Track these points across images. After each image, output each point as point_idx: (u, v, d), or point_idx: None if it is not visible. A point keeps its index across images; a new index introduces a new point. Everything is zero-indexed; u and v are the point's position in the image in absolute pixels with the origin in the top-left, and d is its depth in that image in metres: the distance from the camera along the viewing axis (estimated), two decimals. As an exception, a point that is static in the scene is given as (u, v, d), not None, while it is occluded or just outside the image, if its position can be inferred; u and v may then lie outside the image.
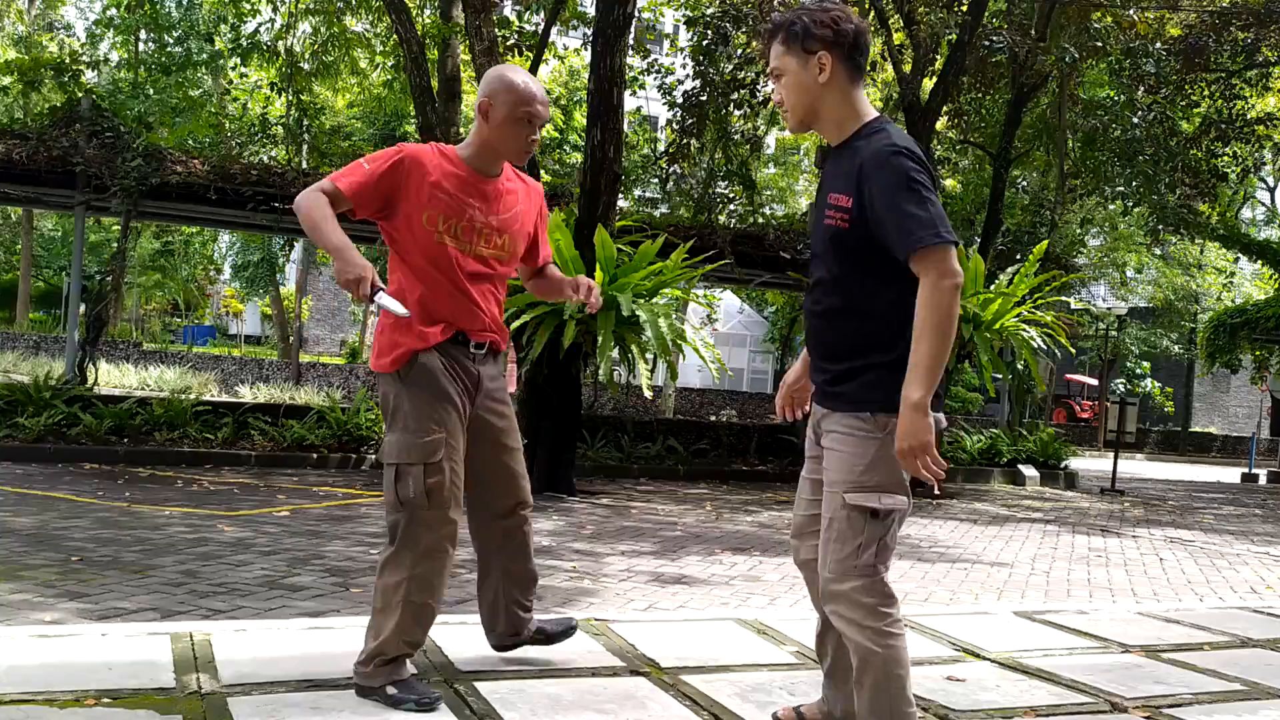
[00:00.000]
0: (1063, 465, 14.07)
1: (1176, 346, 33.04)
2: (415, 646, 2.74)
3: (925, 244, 2.15)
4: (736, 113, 13.84)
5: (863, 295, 2.30)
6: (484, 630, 3.07)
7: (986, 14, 12.16)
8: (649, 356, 9.26)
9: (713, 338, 30.34)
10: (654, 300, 9.34)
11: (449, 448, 2.69)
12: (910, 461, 2.16)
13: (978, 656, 3.58)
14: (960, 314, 2.40)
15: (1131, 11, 12.88)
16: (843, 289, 2.32)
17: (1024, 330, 10.34)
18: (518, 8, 15.14)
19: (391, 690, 2.65)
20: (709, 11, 13.10)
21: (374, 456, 9.81)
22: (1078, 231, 21.53)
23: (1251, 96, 15.49)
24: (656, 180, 16.12)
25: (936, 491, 10.67)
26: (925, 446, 2.13)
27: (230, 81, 20.73)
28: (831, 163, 2.41)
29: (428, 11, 15.17)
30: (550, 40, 12.95)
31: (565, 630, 3.13)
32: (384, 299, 2.55)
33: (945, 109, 13.38)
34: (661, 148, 16.54)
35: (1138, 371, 34.88)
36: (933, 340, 2.13)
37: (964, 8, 11.61)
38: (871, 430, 2.26)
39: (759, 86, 13.27)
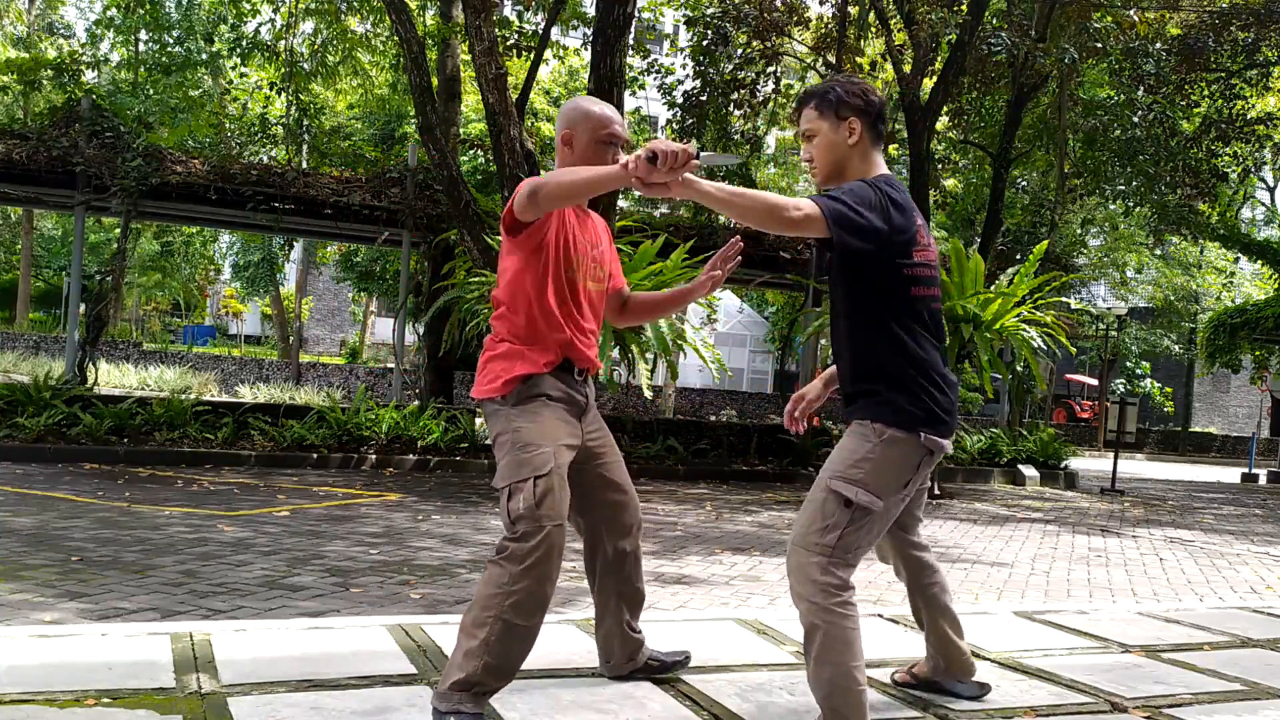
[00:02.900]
0: (1063, 465, 14.07)
1: (1176, 346, 33.04)
2: (495, 679, 2.52)
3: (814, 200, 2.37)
4: (736, 113, 13.85)
5: (863, 321, 2.54)
6: (600, 661, 3.03)
7: (986, 14, 12.17)
8: (649, 356, 9.27)
9: (713, 338, 30.35)
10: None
11: (557, 464, 2.64)
12: (636, 164, 2.25)
13: (978, 656, 3.57)
14: (960, 314, 2.59)
15: (1131, 11, 12.89)
16: (847, 314, 2.58)
17: (1024, 330, 10.34)
18: (518, 8, 15.14)
19: None
20: (709, 11, 13.11)
21: (374, 458, 9.82)
22: (1078, 232, 21.53)
23: (1251, 96, 15.49)
24: (656, 180, 16.11)
25: (936, 491, 10.68)
26: (637, 173, 2.25)
27: (230, 81, 20.74)
28: None
29: (429, 11, 15.17)
30: (551, 40, 12.95)
31: (681, 660, 3.12)
32: (709, 155, 2.42)
33: (945, 109, 13.40)
34: (661, 148, 16.52)
35: (1138, 371, 34.88)
36: (736, 199, 2.30)
37: (964, 8, 11.62)
38: (869, 435, 2.51)
39: (759, 86, 13.27)
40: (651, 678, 3.04)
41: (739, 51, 13.04)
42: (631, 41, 11.33)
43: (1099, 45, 12.63)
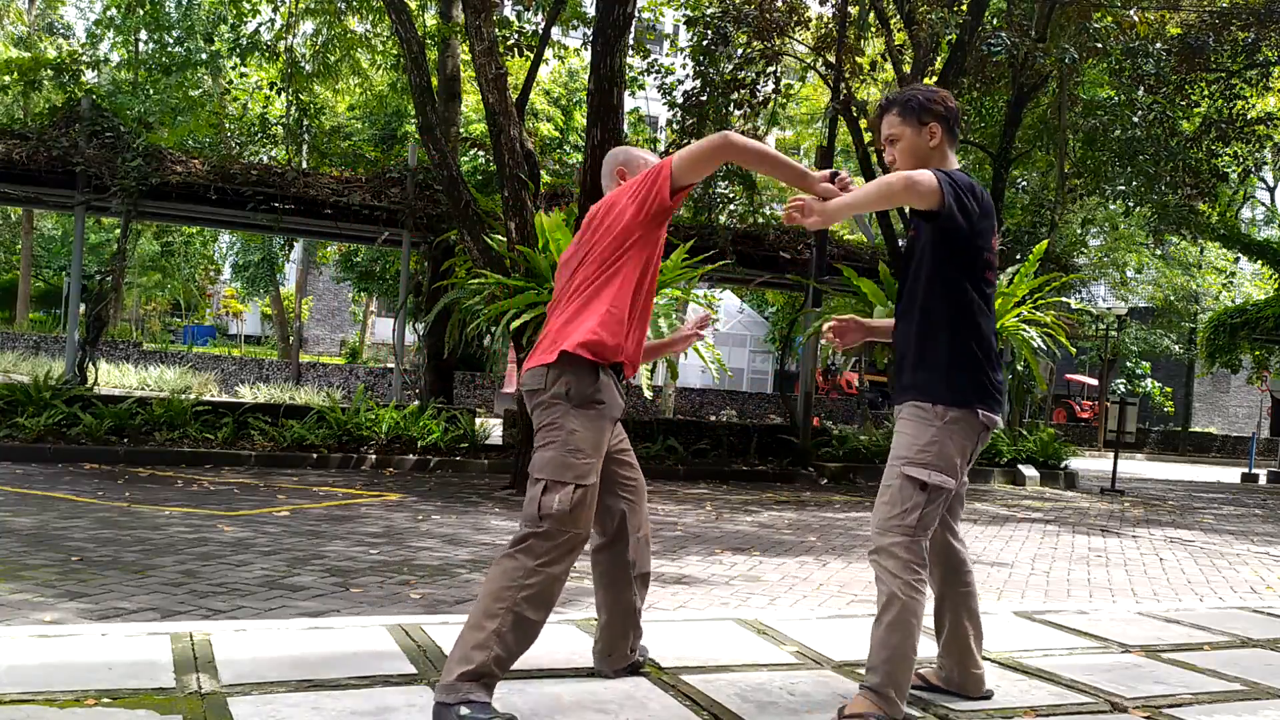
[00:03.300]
0: (1063, 465, 14.07)
1: (1176, 346, 33.03)
2: (501, 664, 2.56)
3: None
4: (736, 113, 13.83)
5: (948, 300, 2.78)
6: (599, 657, 3.04)
7: (986, 14, 12.16)
8: (649, 356, 9.25)
9: (713, 338, 30.34)
10: (654, 300, 9.34)
11: (597, 478, 2.73)
12: (800, 210, 2.64)
13: (978, 656, 3.57)
14: None
15: (1131, 11, 12.88)
16: (930, 293, 2.80)
17: (1024, 330, 10.35)
18: (518, 8, 15.14)
19: (465, 711, 2.45)
20: (709, 11, 13.10)
21: (374, 458, 9.82)
22: (1078, 232, 21.53)
23: (1251, 96, 15.48)
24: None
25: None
26: (814, 218, 2.62)
27: (230, 81, 20.74)
28: None
29: (429, 11, 15.17)
30: (551, 40, 12.95)
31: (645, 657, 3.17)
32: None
33: (945, 109, 13.38)
34: (661, 148, 16.54)
35: (1138, 371, 34.88)
36: (876, 198, 2.64)
37: (964, 8, 11.62)
38: (930, 418, 2.75)
39: (759, 86, 13.27)
40: (650, 678, 3.04)
41: (739, 51, 13.02)
42: (631, 41, 11.33)
43: (1099, 45, 12.62)
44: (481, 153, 16.85)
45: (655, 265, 2.87)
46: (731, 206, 16.28)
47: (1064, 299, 17.78)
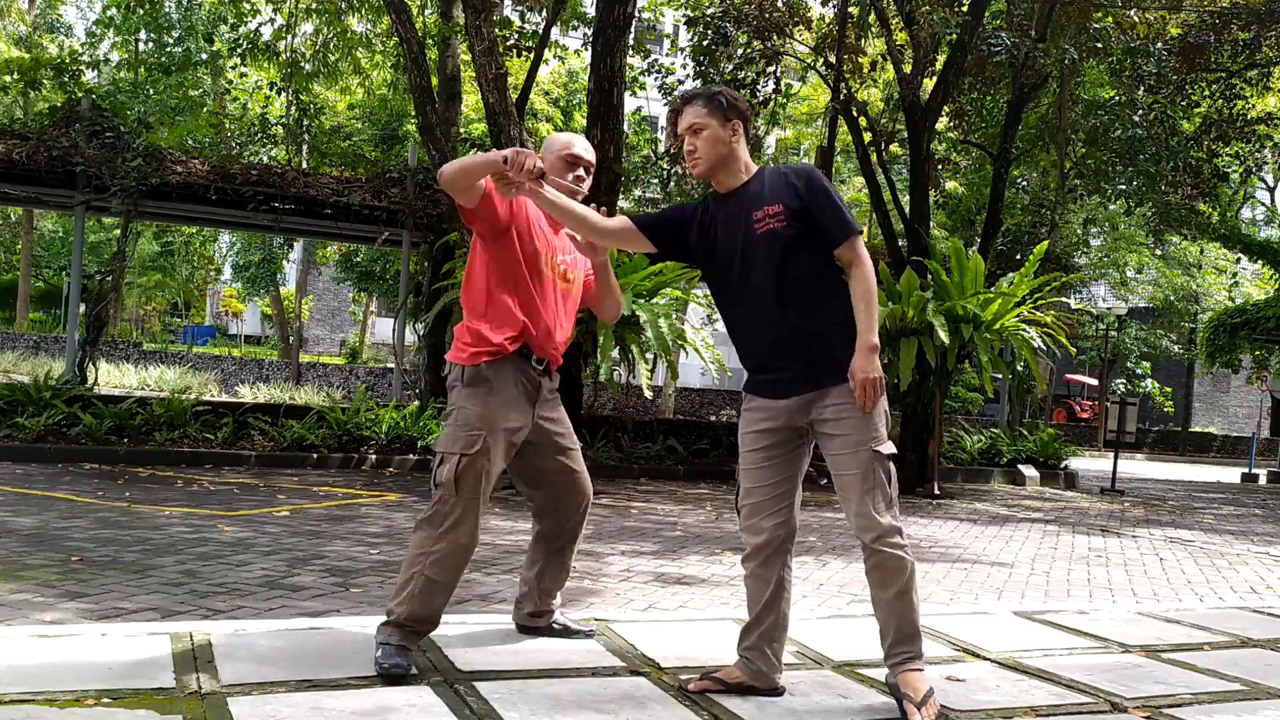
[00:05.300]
0: (1063, 465, 14.07)
1: (1176, 346, 33.02)
2: (418, 623, 2.98)
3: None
4: (736, 113, 13.80)
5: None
6: (513, 607, 3.46)
7: (987, 14, 12.16)
8: (649, 356, 9.26)
9: (713, 338, 30.34)
10: (654, 300, 9.34)
11: (487, 446, 3.00)
12: (869, 388, 2.75)
13: (977, 656, 3.58)
14: (960, 314, 2.83)
15: (1132, 12, 12.88)
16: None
17: (1024, 330, 10.34)
18: (518, 8, 15.14)
19: (378, 652, 2.90)
20: (709, 11, 13.10)
21: (374, 458, 9.82)
22: (1079, 232, 21.52)
23: (1252, 96, 15.48)
24: (656, 180, 16.12)
25: (936, 491, 10.68)
26: (882, 378, 2.78)
27: (230, 81, 20.73)
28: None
29: (428, 11, 15.17)
30: (551, 40, 12.95)
31: (584, 633, 3.44)
32: (555, 180, 2.94)
33: (945, 109, 13.38)
34: (661, 148, 16.53)
35: (1138, 371, 34.88)
36: (873, 302, 2.81)
37: (964, 8, 11.61)
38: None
39: (759, 86, 13.26)
40: (650, 678, 3.04)
41: (739, 51, 13.01)
42: (631, 41, 11.33)
43: (1099, 45, 12.61)
44: (481, 153, 16.85)
45: (528, 248, 3.13)
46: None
47: (1064, 299, 17.79)
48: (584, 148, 3.25)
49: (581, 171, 3.19)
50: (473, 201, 3.01)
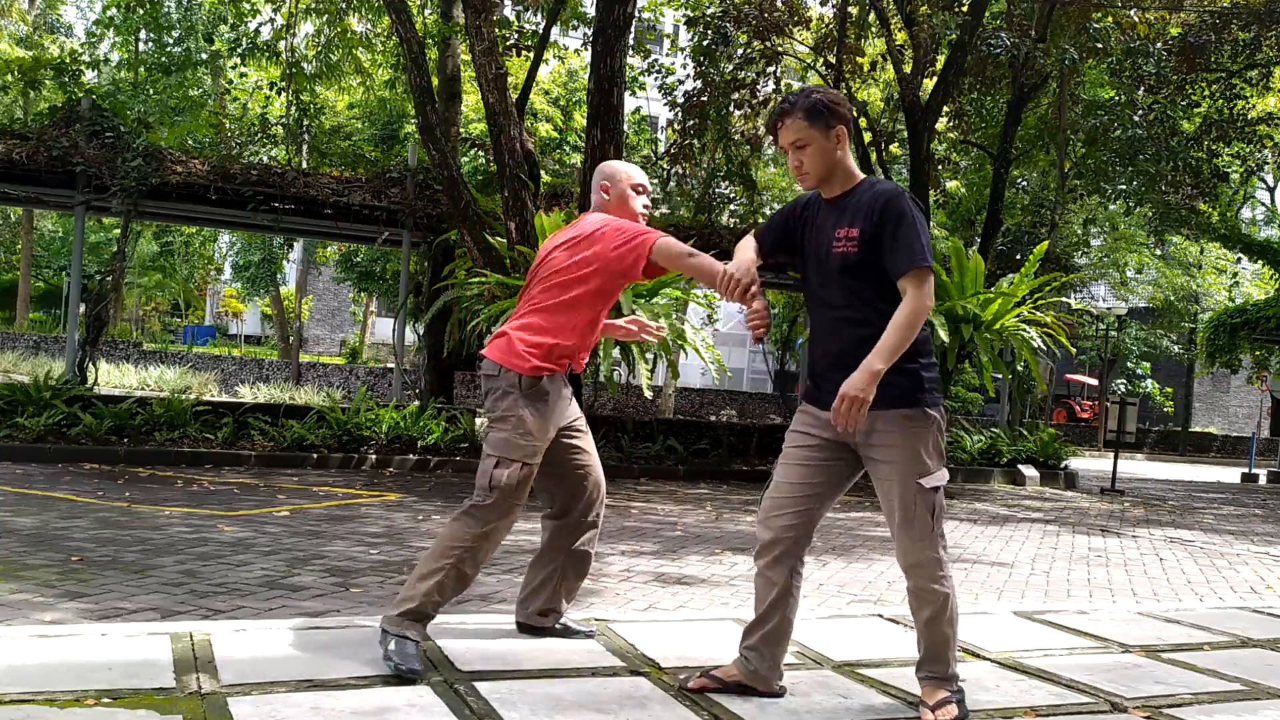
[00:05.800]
0: (1063, 465, 14.07)
1: (1176, 346, 33.02)
2: (437, 607, 3.08)
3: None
4: (736, 113, 13.84)
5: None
6: (516, 604, 3.45)
7: (987, 14, 12.16)
8: (649, 356, 9.27)
9: (713, 338, 30.34)
10: (654, 300, 9.35)
11: (540, 457, 3.18)
12: (851, 407, 2.67)
13: (977, 656, 3.58)
14: (960, 314, 2.78)
15: (1132, 12, 12.89)
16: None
17: (1024, 330, 10.35)
18: (518, 8, 15.14)
19: (393, 646, 2.91)
20: (709, 11, 13.11)
21: (374, 458, 9.82)
22: (1079, 232, 21.53)
23: (1252, 96, 15.49)
24: (657, 180, 16.14)
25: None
26: (867, 400, 2.68)
27: (230, 81, 20.73)
28: None
29: (428, 11, 15.17)
30: (551, 40, 12.95)
31: (584, 633, 3.46)
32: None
33: (946, 109, 13.38)
34: (662, 148, 16.54)
35: (1138, 371, 34.88)
36: (905, 332, 2.71)
37: (964, 8, 11.62)
38: (924, 422, 2.81)
39: (759, 86, 13.27)
40: (650, 678, 3.04)
41: (739, 51, 13.03)
42: (631, 41, 11.33)
43: (1099, 45, 12.62)
44: (481, 153, 16.84)
45: (608, 299, 3.27)
46: (732, 207, 16.27)
47: (1064, 299, 17.78)
48: (644, 175, 3.44)
49: (646, 198, 3.38)
50: (663, 268, 3.18)
